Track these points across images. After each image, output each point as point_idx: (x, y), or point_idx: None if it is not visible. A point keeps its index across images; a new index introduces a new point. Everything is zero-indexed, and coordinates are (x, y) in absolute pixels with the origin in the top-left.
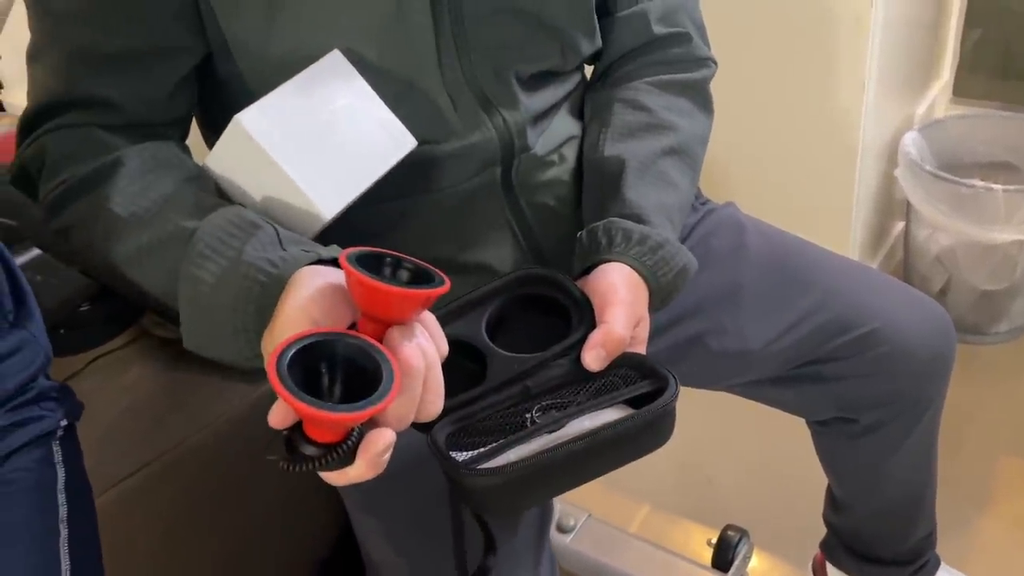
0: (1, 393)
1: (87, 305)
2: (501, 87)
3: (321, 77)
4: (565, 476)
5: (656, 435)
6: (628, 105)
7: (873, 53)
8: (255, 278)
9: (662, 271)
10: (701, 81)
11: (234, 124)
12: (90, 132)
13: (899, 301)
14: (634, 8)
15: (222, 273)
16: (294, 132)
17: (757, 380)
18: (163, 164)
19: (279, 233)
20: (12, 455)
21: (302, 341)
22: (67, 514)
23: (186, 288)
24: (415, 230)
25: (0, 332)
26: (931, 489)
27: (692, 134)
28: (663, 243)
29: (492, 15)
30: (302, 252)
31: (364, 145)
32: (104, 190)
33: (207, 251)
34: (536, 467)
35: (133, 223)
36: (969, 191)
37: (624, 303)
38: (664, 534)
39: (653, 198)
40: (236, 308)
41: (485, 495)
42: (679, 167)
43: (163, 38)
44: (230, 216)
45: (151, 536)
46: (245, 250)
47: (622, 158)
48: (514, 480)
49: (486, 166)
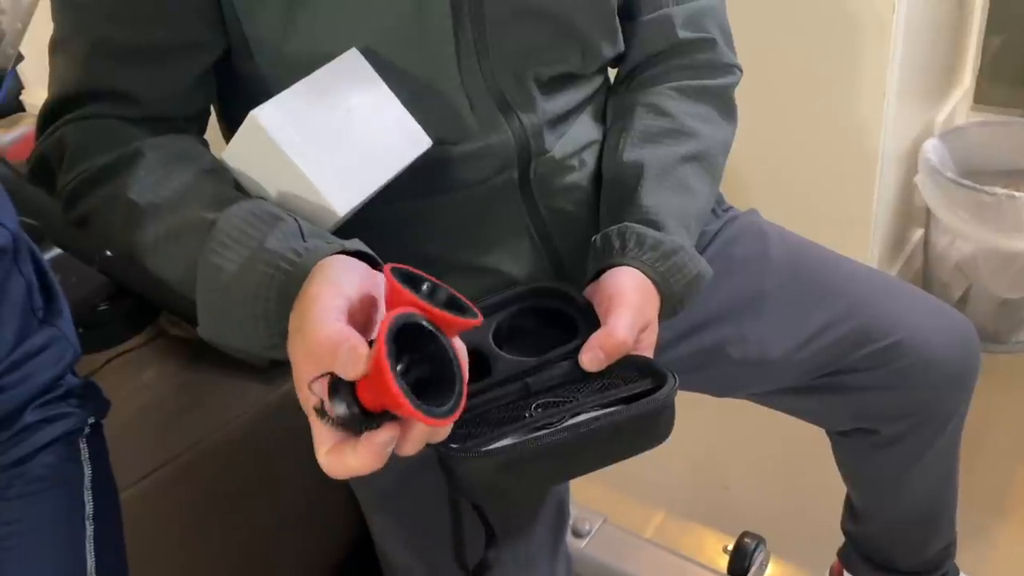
0: (31, 389)
1: (105, 304)
2: (519, 89)
3: (338, 75)
4: (556, 465)
5: (651, 431)
6: (650, 110)
7: (895, 60)
8: (278, 266)
9: (675, 278)
10: (725, 88)
11: (250, 120)
12: (110, 124)
13: (923, 312)
14: (659, 12)
15: (244, 262)
16: (309, 129)
17: (778, 389)
18: (182, 156)
19: (301, 226)
20: (40, 451)
21: (409, 318)
22: (93, 511)
23: (205, 276)
24: (431, 230)
25: (30, 329)
26: (952, 500)
27: (714, 141)
28: (677, 249)
29: (513, 17)
30: (325, 243)
31: (379, 143)
32: (124, 180)
33: (227, 240)
34: (526, 452)
35: (152, 212)
36: (990, 198)
37: (630, 306)
38: (680, 540)
39: (670, 205)
40: (257, 295)
41: (475, 479)
42: (699, 174)
43: (184, 33)
44: (251, 208)
45: (169, 535)
46: (267, 240)
47: (641, 163)
48: (503, 464)
49: (503, 168)
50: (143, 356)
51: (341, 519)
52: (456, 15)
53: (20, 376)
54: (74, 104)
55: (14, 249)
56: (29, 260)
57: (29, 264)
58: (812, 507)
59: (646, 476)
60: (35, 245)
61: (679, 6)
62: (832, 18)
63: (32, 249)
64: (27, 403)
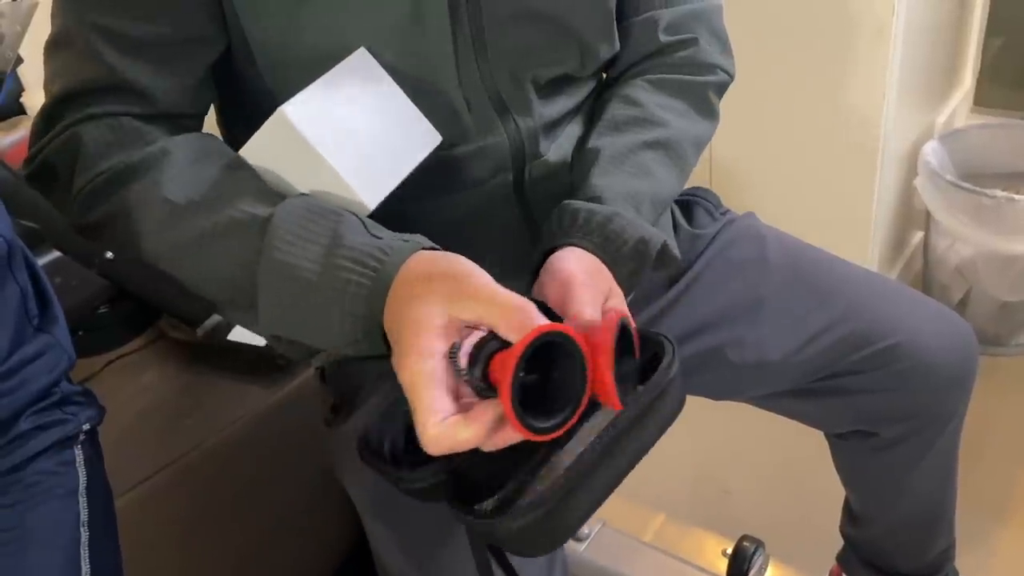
0: (26, 397)
1: (105, 307)
2: (517, 91)
3: (350, 75)
4: (600, 484)
5: (670, 405)
6: (622, 100)
7: (894, 62)
8: (365, 263)
9: (614, 245)
10: (704, 85)
11: (278, 115)
12: (126, 121)
13: (922, 315)
14: (647, 14)
15: (322, 259)
16: (334, 125)
17: (777, 392)
18: (211, 152)
19: (363, 221)
20: (35, 458)
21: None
22: (88, 517)
23: (274, 272)
24: (426, 232)
25: (25, 336)
26: (951, 503)
27: (683, 134)
28: (611, 216)
29: (512, 18)
30: (402, 241)
31: (395, 140)
32: (155, 177)
33: (291, 237)
34: (571, 483)
35: (192, 210)
36: (990, 201)
37: (582, 284)
38: (679, 544)
39: (620, 184)
40: (346, 292)
41: (525, 534)
42: (660, 160)
43: (190, 26)
44: (306, 203)
45: (168, 538)
46: (342, 235)
47: (598, 149)
48: (551, 510)
49: (497, 171)
50: (143, 359)
51: (338, 524)
52: (454, 15)
53: (15, 383)
54: (80, 102)
55: (9, 256)
56: (24, 267)
57: (24, 271)
58: (811, 511)
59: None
60: (30, 251)
61: (667, 9)
62: (832, 20)
63: (27, 255)
64: (22, 410)
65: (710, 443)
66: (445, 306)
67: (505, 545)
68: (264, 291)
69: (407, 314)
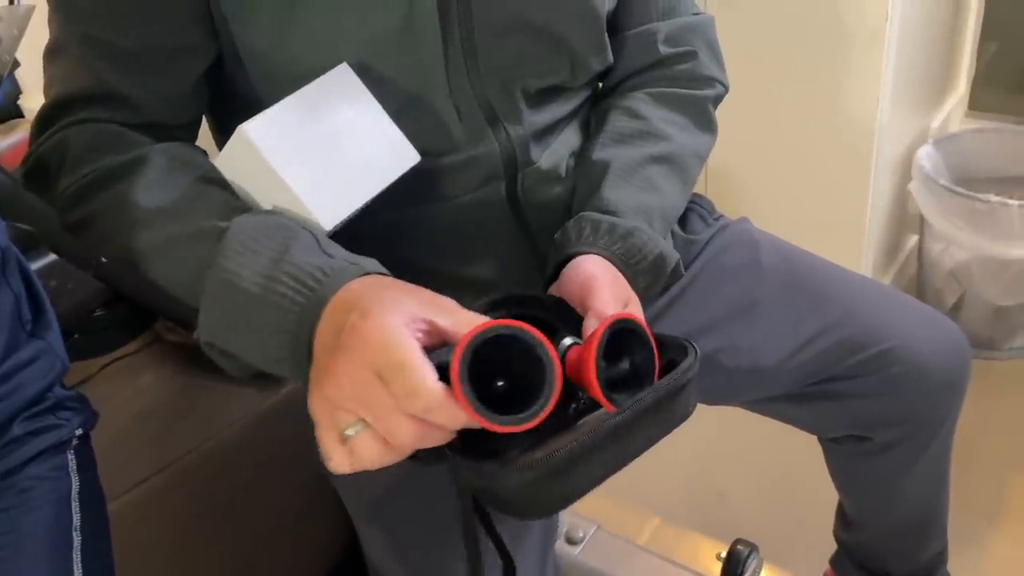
0: (19, 402)
1: (101, 310)
2: (507, 101)
3: (328, 90)
4: (602, 461)
5: (682, 406)
6: (624, 113)
7: (888, 67)
8: (305, 282)
9: (634, 259)
10: (703, 99)
11: (239, 133)
12: (112, 128)
13: (915, 320)
14: (644, 27)
15: (265, 272)
16: (297, 143)
17: (770, 397)
18: (187, 163)
19: (318, 238)
20: (28, 463)
21: (511, 331)
22: (80, 522)
23: (218, 282)
24: (418, 240)
25: (18, 342)
26: (943, 507)
27: (686, 148)
28: (632, 231)
29: (503, 29)
30: (349, 264)
31: (366, 158)
32: (129, 183)
33: (241, 249)
34: (574, 454)
35: (158, 217)
36: (984, 206)
37: (605, 284)
38: (673, 547)
39: (632, 199)
40: (279, 307)
41: (519, 492)
42: (666, 175)
43: (180, 37)
44: (262, 218)
45: (162, 542)
46: (290, 251)
47: (607, 161)
48: (551, 471)
49: (488, 179)
50: (139, 361)
51: (332, 527)
52: (445, 25)
53: (8, 389)
54: (72, 108)
55: (3, 262)
56: (18, 272)
57: (18, 276)
58: (805, 515)
59: (640, 483)
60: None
61: (664, 21)
62: (826, 25)
63: (20, 261)
64: (15, 415)
65: (705, 447)
66: (410, 303)
67: (501, 504)
68: (205, 296)
69: (365, 306)
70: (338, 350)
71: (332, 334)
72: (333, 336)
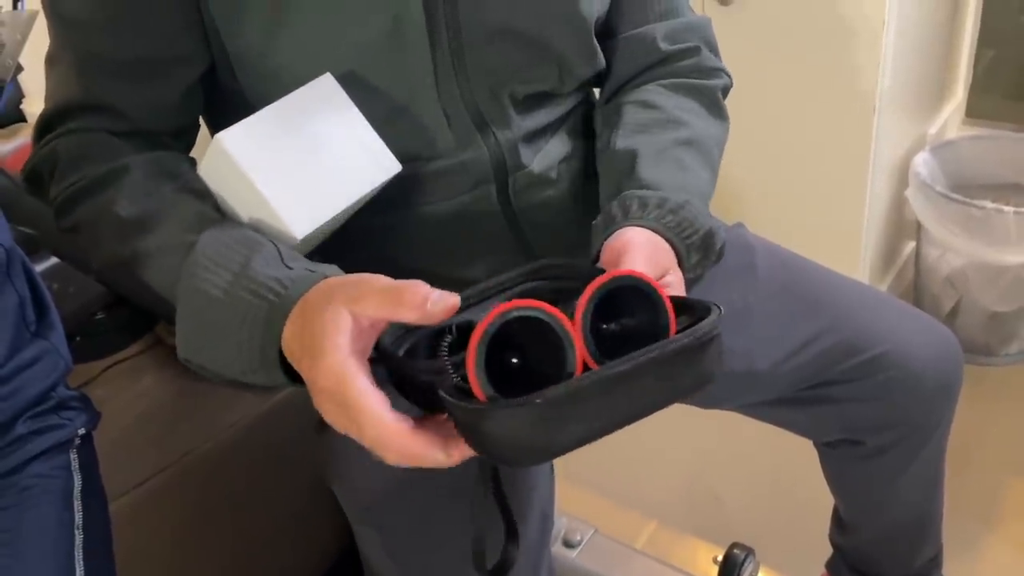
0: (22, 401)
1: (102, 313)
2: (495, 106)
3: (310, 100)
4: (598, 411)
5: (698, 367)
6: (639, 105)
7: (885, 73)
8: (263, 296)
9: (686, 232)
10: (713, 88)
11: (215, 142)
12: (100, 137)
13: (908, 325)
14: (640, 28)
15: (226, 286)
16: (274, 153)
17: (765, 401)
18: (166, 173)
19: (280, 251)
20: (31, 462)
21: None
22: (82, 520)
23: (187, 298)
24: (409, 244)
25: (22, 342)
26: (938, 511)
27: (706, 133)
28: (683, 204)
29: (490, 37)
30: (308, 272)
31: (346, 168)
32: (111, 194)
33: (208, 263)
34: (566, 398)
35: (135, 227)
36: (980, 212)
37: (640, 250)
38: (670, 551)
39: (671, 178)
40: (244, 322)
41: (508, 436)
42: (694, 156)
43: (170, 48)
44: (230, 232)
45: (162, 542)
46: (249, 265)
47: (635, 148)
48: (541, 416)
49: (479, 183)
50: (140, 364)
51: (332, 527)
52: (432, 34)
53: (11, 389)
54: (65, 117)
55: (8, 264)
56: (22, 274)
57: (23, 278)
58: (801, 519)
59: (638, 487)
60: (28, 259)
61: (661, 22)
62: (823, 31)
63: (25, 263)
64: (18, 415)
65: (702, 451)
66: (346, 306)
67: (491, 447)
68: (178, 313)
69: (313, 322)
70: (309, 384)
71: (298, 346)
72: (299, 346)
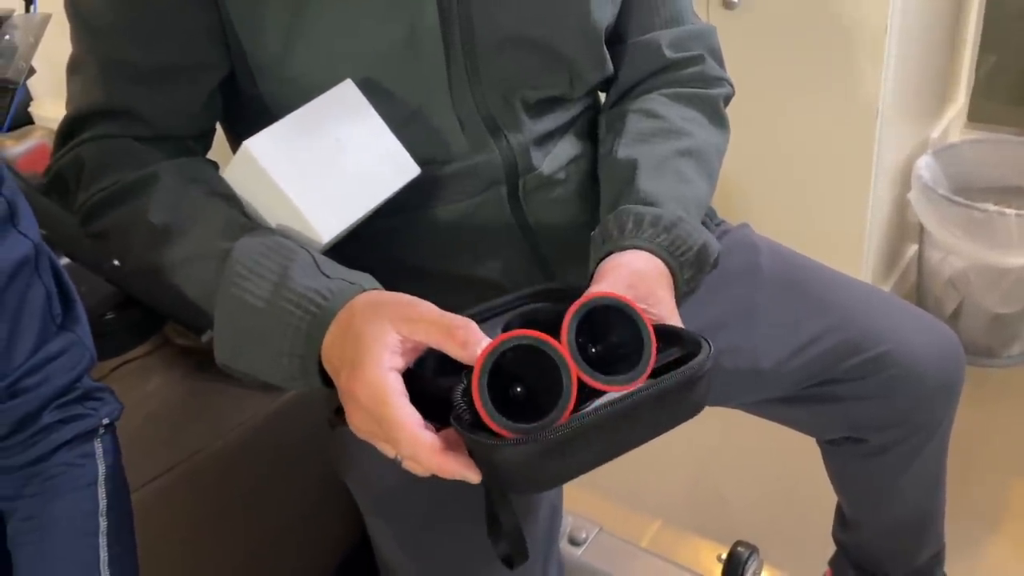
0: (49, 392)
1: (112, 314)
2: (508, 111)
3: (331, 105)
4: (601, 443)
5: (690, 399)
6: (642, 114)
7: (887, 78)
8: (306, 308)
9: (680, 249)
10: (715, 98)
11: (242, 149)
12: (126, 143)
13: (910, 325)
14: (647, 35)
15: (268, 296)
16: (299, 158)
17: (769, 399)
18: (195, 179)
19: (315, 258)
20: (57, 450)
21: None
22: (106, 507)
23: (226, 306)
24: (421, 244)
25: (49, 334)
26: (940, 509)
27: (707, 143)
28: (676, 222)
29: (503, 44)
30: (346, 283)
31: (367, 172)
32: (142, 201)
33: (245, 272)
34: (572, 433)
35: (168, 235)
36: (982, 215)
37: (624, 271)
38: (675, 549)
39: (669, 190)
40: (285, 333)
41: (517, 467)
42: (694, 167)
43: (193, 54)
44: (264, 239)
45: (172, 540)
46: (290, 275)
47: (635, 159)
48: (548, 449)
49: (491, 185)
50: (149, 365)
51: (342, 524)
52: (447, 42)
53: (39, 379)
54: (88, 123)
55: (36, 257)
56: (49, 268)
57: (49, 272)
58: (805, 516)
59: (642, 485)
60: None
61: (667, 29)
62: (826, 35)
63: (51, 257)
64: (45, 405)
65: (706, 450)
66: (394, 325)
67: (500, 477)
68: (216, 320)
69: (358, 334)
70: (343, 392)
71: (338, 356)
72: (339, 356)
